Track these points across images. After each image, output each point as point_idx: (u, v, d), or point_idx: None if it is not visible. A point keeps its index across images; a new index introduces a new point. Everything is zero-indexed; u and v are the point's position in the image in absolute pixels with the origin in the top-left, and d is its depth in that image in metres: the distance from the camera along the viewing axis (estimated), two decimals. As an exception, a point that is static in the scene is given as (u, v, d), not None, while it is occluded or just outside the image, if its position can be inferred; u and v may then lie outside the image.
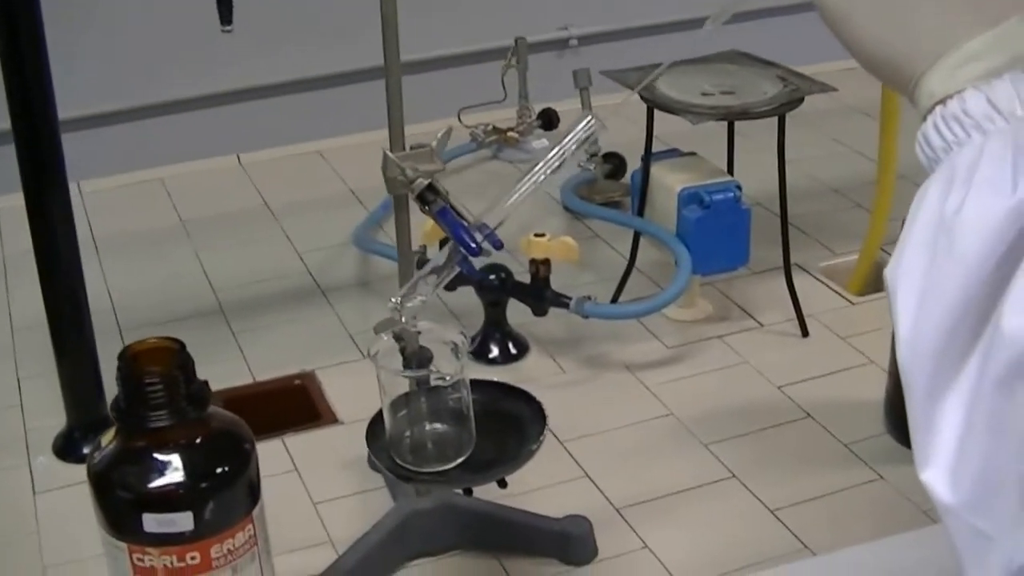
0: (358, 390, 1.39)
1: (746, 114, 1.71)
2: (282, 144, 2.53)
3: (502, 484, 1.21)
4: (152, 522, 1.09)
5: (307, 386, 1.78)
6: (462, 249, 1.13)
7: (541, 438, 1.20)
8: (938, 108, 0.72)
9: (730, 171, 1.85)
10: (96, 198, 2.36)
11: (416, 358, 1.27)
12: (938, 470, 0.70)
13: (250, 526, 1.14)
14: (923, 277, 0.70)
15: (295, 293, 2.01)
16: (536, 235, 1.72)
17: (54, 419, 1.65)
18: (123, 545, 1.11)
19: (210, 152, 2.50)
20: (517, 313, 1.82)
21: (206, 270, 2.09)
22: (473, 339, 1.80)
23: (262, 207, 2.32)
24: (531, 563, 1.42)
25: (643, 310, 1.74)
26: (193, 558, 1.11)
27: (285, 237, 2.19)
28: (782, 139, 1.73)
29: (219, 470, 1.13)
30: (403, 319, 1.13)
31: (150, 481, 1.10)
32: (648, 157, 1.79)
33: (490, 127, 2.44)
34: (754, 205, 1.83)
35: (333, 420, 1.70)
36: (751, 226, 1.77)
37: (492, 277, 1.77)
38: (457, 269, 1.14)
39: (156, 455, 1.11)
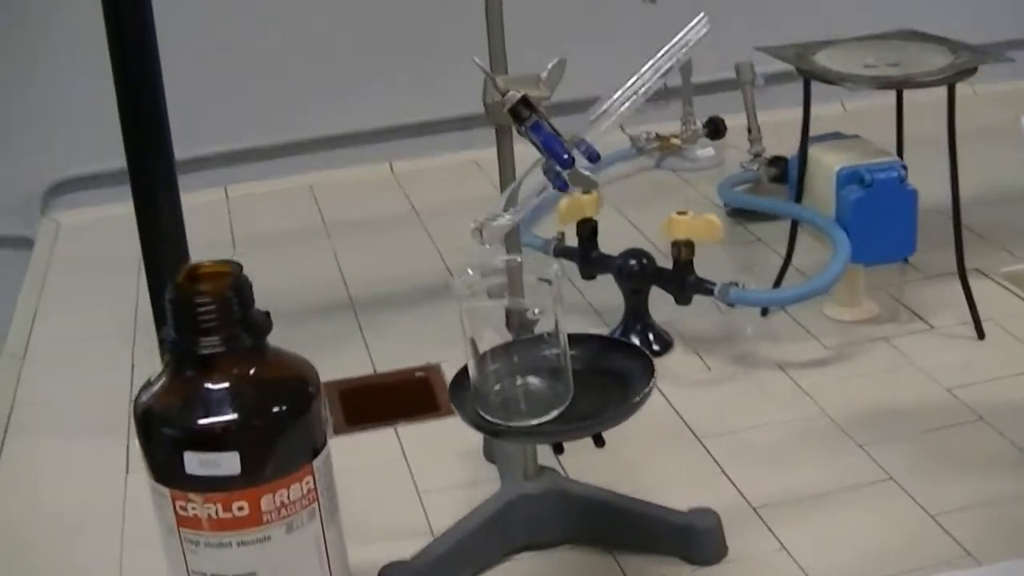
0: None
1: (909, 82, 1.54)
2: (438, 153, 2.43)
3: (599, 441, 1.06)
4: (195, 462, 0.98)
5: (430, 379, 1.65)
6: (553, 160, 0.99)
7: (646, 390, 1.05)
8: None
9: (899, 156, 1.67)
10: (242, 202, 2.31)
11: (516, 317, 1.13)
12: None
13: (309, 478, 1.02)
14: None
15: (429, 290, 1.90)
16: (678, 213, 1.57)
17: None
18: (166, 491, 1.00)
19: (362, 160, 2.42)
20: (662, 312, 1.67)
21: (342, 268, 2.01)
22: (613, 332, 1.65)
23: (409, 211, 2.22)
24: (651, 561, 1.26)
25: (795, 296, 1.57)
26: (240, 508, 0.99)
27: (428, 239, 2.09)
28: (952, 114, 1.55)
29: (274, 409, 1.00)
30: (486, 243, 0.99)
31: (195, 416, 0.99)
32: (805, 137, 1.63)
33: (653, 134, 2.29)
34: (928, 211, 1.65)
35: (451, 411, 1.57)
36: (919, 218, 1.60)
37: (632, 262, 1.62)
38: (548, 188, 1.00)
39: (205, 385, 0.99)
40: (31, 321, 1.92)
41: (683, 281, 1.58)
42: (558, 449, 1.08)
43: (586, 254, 1.67)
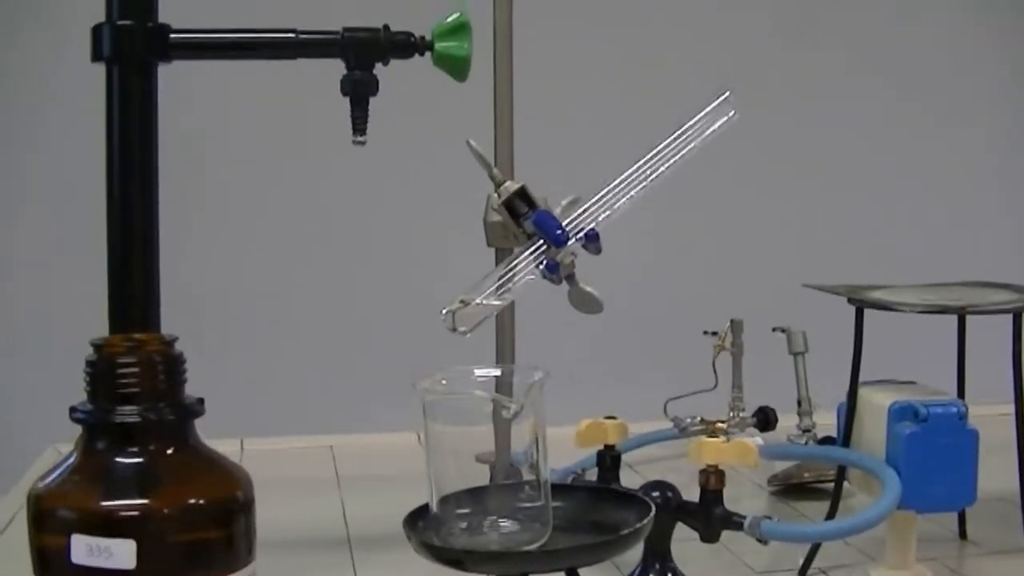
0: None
1: (970, 310, 1.41)
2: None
3: (573, 578, 0.88)
4: (83, 548, 0.81)
5: (420, 613, 1.46)
6: (545, 236, 0.86)
7: (639, 525, 0.87)
8: None
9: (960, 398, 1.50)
10: (255, 455, 2.17)
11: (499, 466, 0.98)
12: None
13: (222, 596, 0.84)
14: None
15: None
16: (709, 435, 1.41)
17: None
18: (46, 588, 0.83)
19: (390, 428, 2.29)
20: (687, 568, 1.48)
21: (346, 512, 1.85)
22: (631, 574, 1.46)
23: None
24: None
25: (837, 530, 1.39)
26: (131, 617, 0.81)
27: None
28: (1018, 347, 1.40)
29: (191, 500, 0.84)
30: (456, 328, 0.85)
31: (93, 493, 0.83)
32: (856, 374, 1.48)
33: (698, 418, 2.14)
34: (996, 500, 1.48)
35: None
36: (979, 461, 1.41)
37: (655, 494, 1.44)
38: (533, 264, 0.86)
39: (114, 459, 0.84)
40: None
41: (710, 513, 1.40)
42: (526, 585, 0.89)
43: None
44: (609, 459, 1.51)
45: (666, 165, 0.88)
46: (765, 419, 2.15)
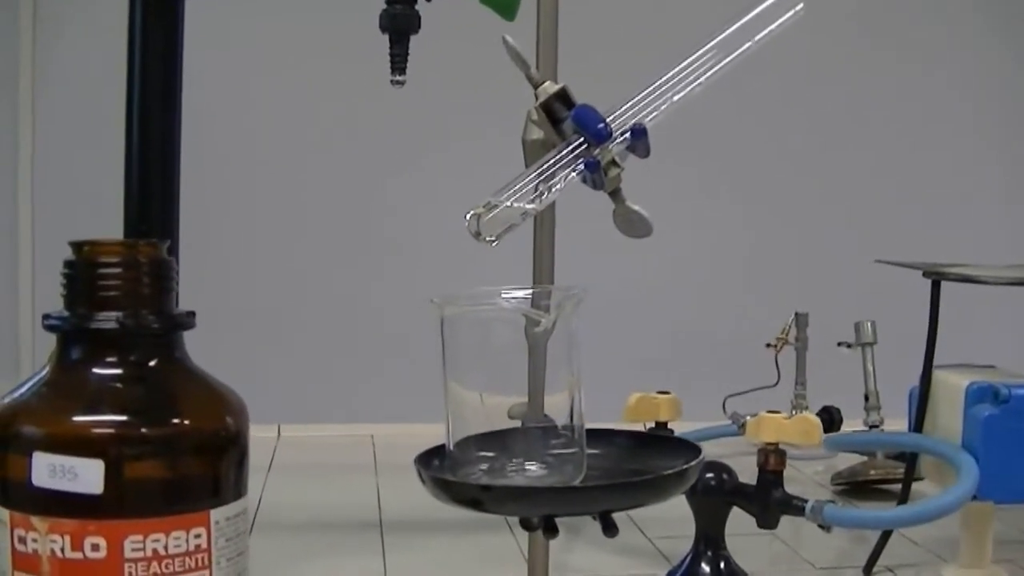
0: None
1: (1065, 280, 1.28)
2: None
3: (609, 528, 0.76)
4: (44, 468, 0.71)
5: (450, 597, 1.36)
6: (585, 131, 0.75)
7: (686, 465, 0.76)
8: None
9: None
10: (291, 442, 2.09)
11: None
12: None
13: (201, 531, 0.73)
14: None
15: (472, 520, 1.61)
16: (770, 411, 1.30)
17: None
18: (5, 516, 0.73)
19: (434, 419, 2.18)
20: (743, 562, 1.36)
21: (381, 496, 1.74)
22: (681, 563, 1.35)
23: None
24: None
25: (905, 517, 1.26)
26: (95, 548, 0.71)
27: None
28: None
29: (173, 419, 0.74)
30: (480, 234, 0.74)
31: (62, 407, 0.73)
32: (931, 352, 1.36)
33: (758, 415, 2.02)
34: None
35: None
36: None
37: (709, 475, 1.33)
38: (576, 167, 0.76)
39: (91, 370, 0.74)
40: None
41: (768, 496, 1.28)
42: (550, 530, 0.77)
43: (655, 468, 1.39)
44: (660, 438, 1.40)
45: (723, 62, 0.77)
46: (830, 419, 2.02)
